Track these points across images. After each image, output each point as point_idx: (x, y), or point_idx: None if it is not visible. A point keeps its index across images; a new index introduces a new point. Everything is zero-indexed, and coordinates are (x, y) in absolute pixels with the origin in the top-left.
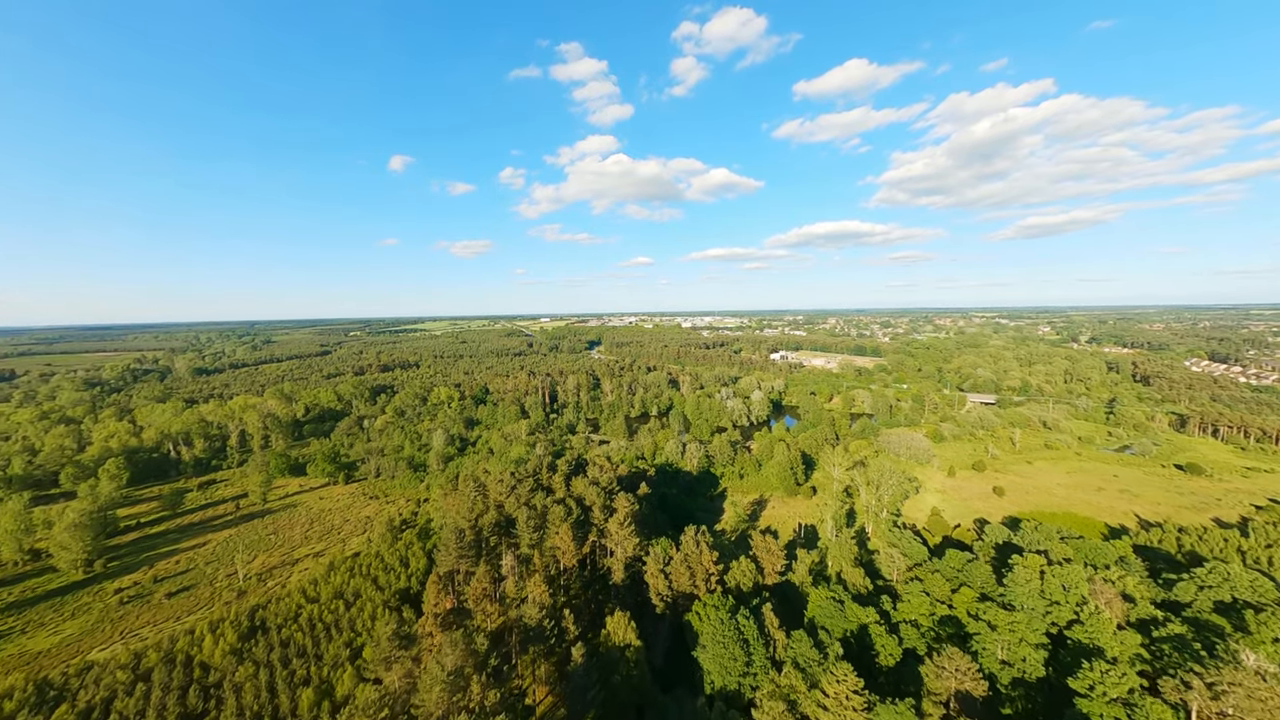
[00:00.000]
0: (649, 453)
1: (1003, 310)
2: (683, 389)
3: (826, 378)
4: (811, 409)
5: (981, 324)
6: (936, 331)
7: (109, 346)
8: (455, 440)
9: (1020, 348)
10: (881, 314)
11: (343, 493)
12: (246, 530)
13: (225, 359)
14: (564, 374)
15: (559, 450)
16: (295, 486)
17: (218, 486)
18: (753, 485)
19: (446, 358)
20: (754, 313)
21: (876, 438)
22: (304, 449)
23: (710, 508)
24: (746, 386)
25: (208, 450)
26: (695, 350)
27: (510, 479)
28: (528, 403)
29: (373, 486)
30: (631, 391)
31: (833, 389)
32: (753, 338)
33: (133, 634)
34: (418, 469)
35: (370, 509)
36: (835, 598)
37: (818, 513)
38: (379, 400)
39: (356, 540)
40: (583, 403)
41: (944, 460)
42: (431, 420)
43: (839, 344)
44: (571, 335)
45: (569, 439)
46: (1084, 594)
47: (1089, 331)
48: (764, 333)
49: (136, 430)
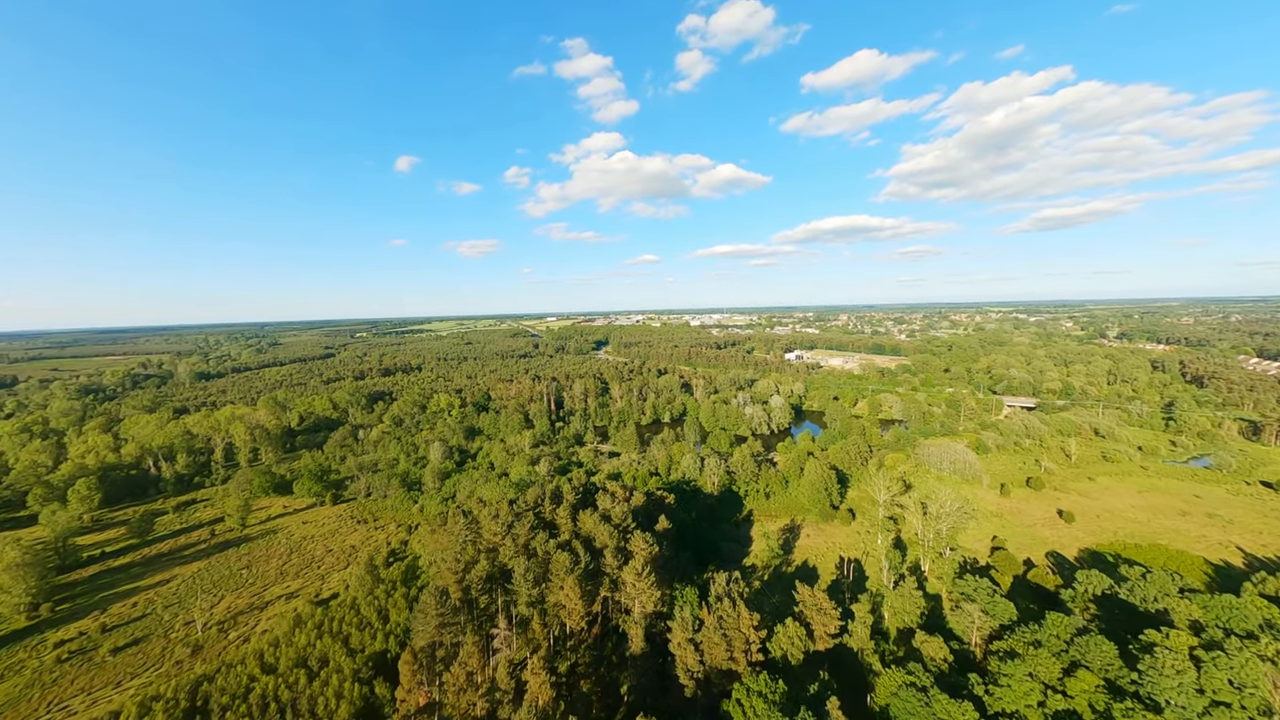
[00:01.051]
0: (664, 468)
1: (1017, 305)
2: (696, 394)
3: (848, 380)
4: (839, 416)
5: (999, 319)
6: (953, 328)
7: (118, 350)
8: (454, 453)
9: (1050, 345)
10: (892, 309)
11: (329, 515)
12: (218, 563)
13: (229, 362)
14: (570, 378)
15: (565, 465)
16: (279, 508)
17: (196, 508)
18: (781, 507)
19: (450, 360)
20: (762, 310)
21: (914, 450)
22: (295, 462)
23: (736, 536)
24: (764, 390)
25: (191, 465)
26: (706, 350)
27: (508, 513)
28: (532, 410)
29: (362, 508)
30: (642, 397)
31: (857, 392)
32: (764, 336)
33: (61, 706)
34: (412, 487)
35: (357, 535)
36: (915, 683)
37: (860, 543)
38: (376, 408)
39: (336, 578)
40: (590, 410)
41: (991, 475)
42: (431, 429)
43: (855, 342)
44: (578, 335)
45: (576, 451)
46: (1265, 696)
47: (1115, 326)
48: (775, 330)
49: (117, 445)
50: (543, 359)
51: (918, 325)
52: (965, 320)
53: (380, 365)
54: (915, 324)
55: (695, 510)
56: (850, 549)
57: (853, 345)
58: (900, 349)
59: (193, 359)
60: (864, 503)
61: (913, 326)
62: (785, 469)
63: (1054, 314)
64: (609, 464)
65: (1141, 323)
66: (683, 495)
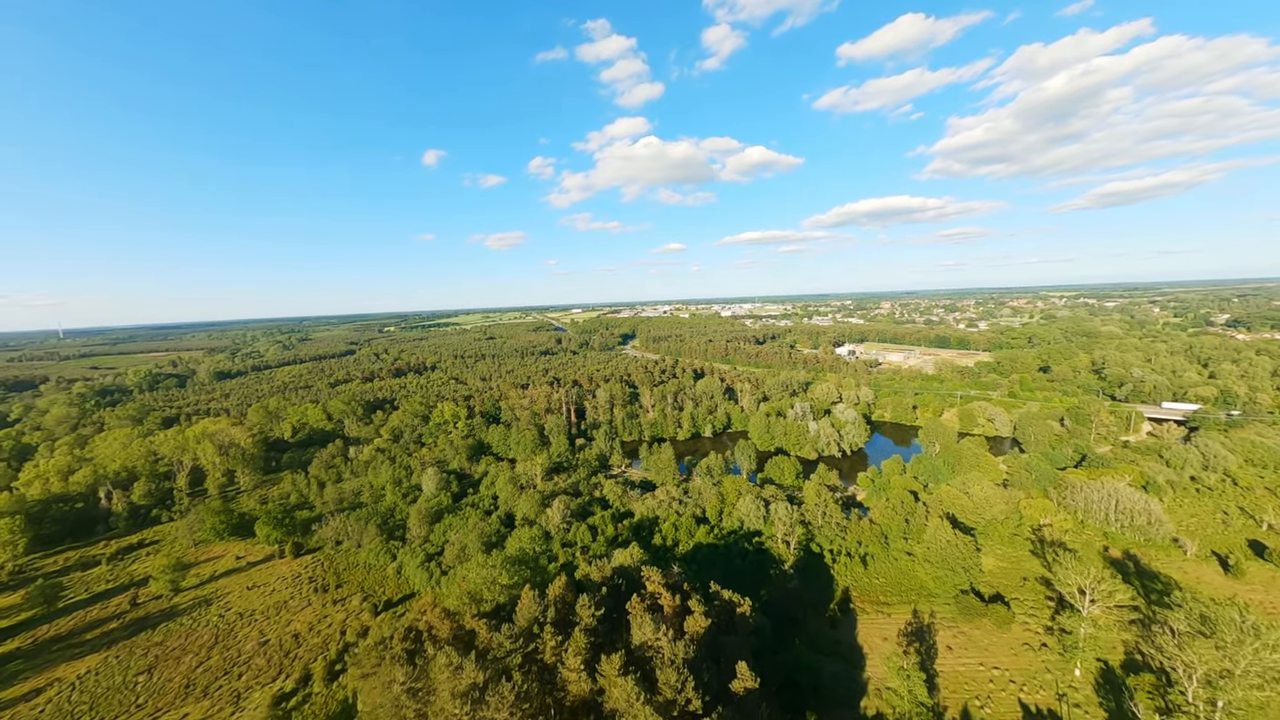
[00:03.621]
0: (713, 511)
1: (1078, 288)
2: (742, 401)
3: (923, 382)
4: (938, 437)
5: (1067, 305)
6: (1015, 315)
7: (161, 347)
8: (452, 481)
9: (1157, 336)
10: (934, 295)
11: (286, 573)
12: (122, 656)
13: (251, 360)
14: (594, 381)
15: (585, 504)
16: (228, 561)
17: (137, 555)
18: (890, 585)
19: (467, 358)
20: (793, 298)
21: (1062, 492)
22: (274, 487)
23: (835, 642)
24: (823, 396)
25: (153, 494)
26: (745, 346)
27: (474, 670)
28: (548, 424)
29: (328, 564)
30: (678, 406)
31: (940, 399)
32: (805, 328)
33: None
34: (393, 534)
35: (308, 614)
36: None
37: (1038, 667)
38: (375, 418)
39: (257, 698)
40: (617, 422)
41: (1184, 534)
42: (434, 445)
43: (911, 334)
44: (603, 328)
45: (599, 482)
46: None
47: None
48: (815, 321)
49: (71, 469)
50: (564, 357)
51: (972, 312)
52: (1026, 306)
53: (392, 365)
54: (969, 311)
55: (767, 588)
56: (1028, 681)
57: (910, 338)
58: (968, 341)
59: (218, 357)
60: (1009, 579)
61: (967, 314)
62: (884, 519)
63: (1130, 298)
64: (641, 502)
65: (1248, 307)
66: (744, 559)
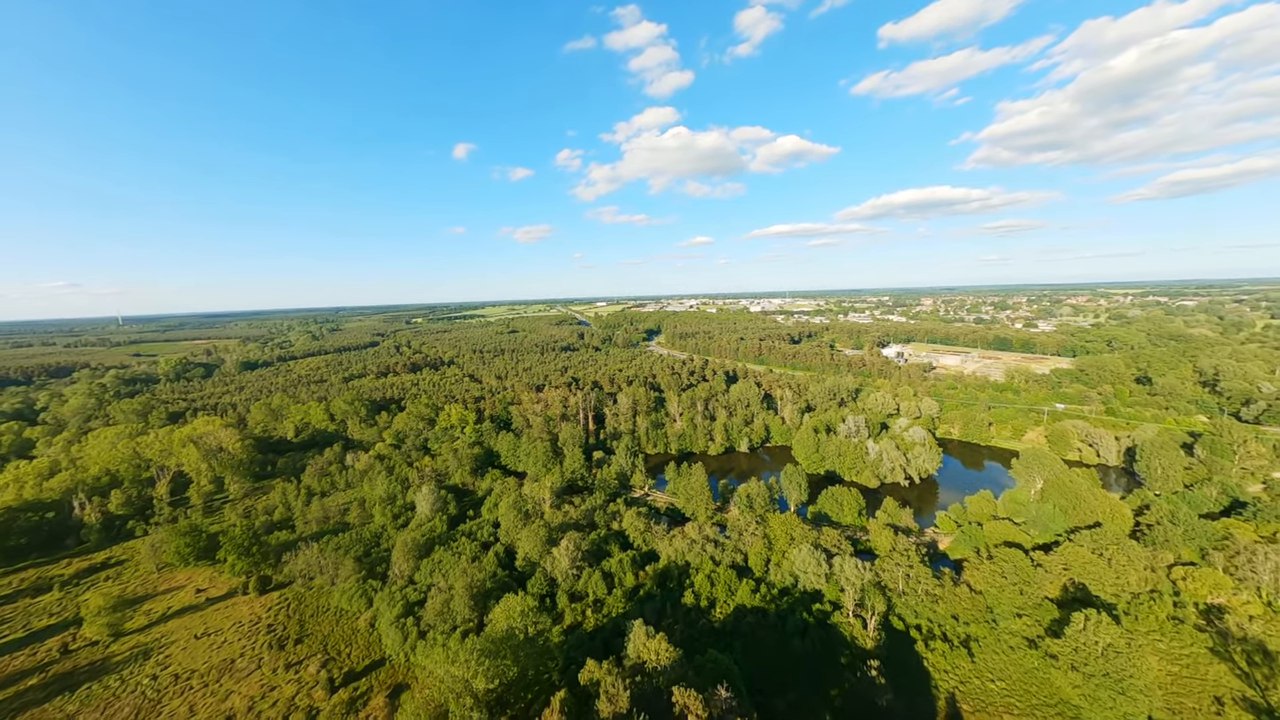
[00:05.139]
0: (758, 561)
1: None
2: (783, 411)
3: (995, 393)
4: (1042, 467)
5: (1133, 303)
6: (1077, 315)
7: (205, 335)
8: (450, 502)
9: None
10: (978, 292)
11: (245, 616)
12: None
13: (279, 350)
14: (615, 383)
15: (600, 541)
16: (187, 594)
17: (94, 580)
18: (1015, 692)
19: (486, 353)
20: (824, 293)
21: (1231, 557)
22: (263, 497)
23: None
24: (878, 407)
25: (132, 504)
26: (780, 345)
27: None
28: (563, 434)
29: (294, 607)
30: (709, 414)
31: (1022, 416)
32: (844, 326)
33: None
34: (375, 568)
35: (254, 682)
36: None
37: None
38: (379, 419)
39: None
40: (640, 431)
41: None
42: (439, 449)
43: (964, 334)
44: (627, 323)
45: (618, 510)
46: None
47: None
48: (850, 318)
49: (49, 472)
50: (586, 353)
51: (1025, 310)
52: (1088, 305)
53: (409, 360)
54: (1022, 309)
55: (839, 685)
56: None
57: (963, 338)
58: (1032, 343)
59: (250, 347)
60: (1190, 697)
61: (1020, 312)
62: (988, 586)
63: (1208, 295)
64: (668, 541)
65: None
66: (803, 637)
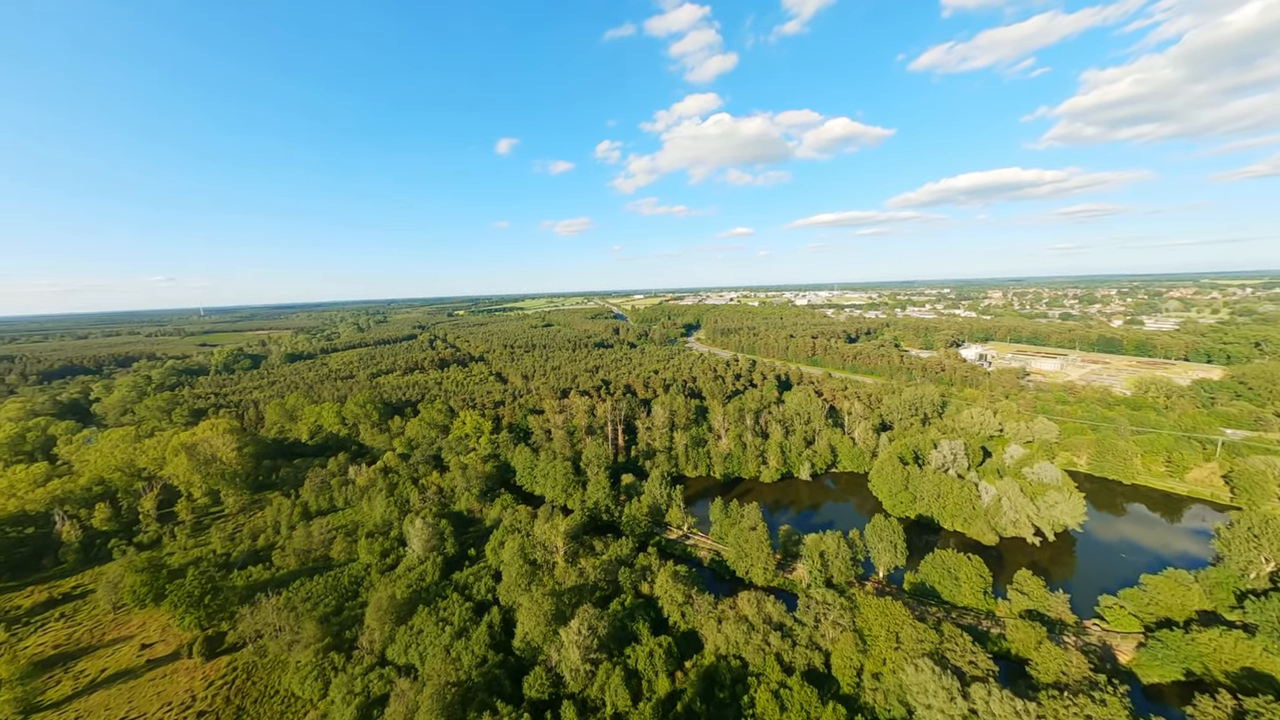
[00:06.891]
0: (843, 665)
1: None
2: (853, 431)
3: (1126, 410)
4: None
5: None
6: (1186, 309)
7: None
8: (448, 539)
9: None
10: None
11: (181, 693)
12: None
13: (323, 342)
14: (650, 387)
15: (625, 619)
16: (128, 653)
17: (50, 615)
18: None
19: (516, 348)
20: (874, 285)
21: None
22: (258, 513)
23: None
24: (975, 428)
25: (120, 518)
26: (837, 344)
27: None
28: (588, 452)
29: (242, 681)
30: (760, 431)
31: (1181, 446)
32: (905, 322)
33: None
34: (341, 636)
35: None
36: None
37: None
38: (393, 424)
39: None
40: (677, 449)
41: None
42: (452, 458)
43: (1057, 333)
44: (664, 317)
45: (650, 566)
46: None
47: None
48: (910, 313)
49: (44, 479)
50: (620, 350)
51: (1117, 304)
52: (1196, 298)
53: (439, 355)
54: (1113, 303)
55: None
56: None
57: (1054, 337)
58: (1149, 345)
59: (300, 338)
60: None
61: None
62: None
63: None
64: (715, 621)
65: None
66: None
